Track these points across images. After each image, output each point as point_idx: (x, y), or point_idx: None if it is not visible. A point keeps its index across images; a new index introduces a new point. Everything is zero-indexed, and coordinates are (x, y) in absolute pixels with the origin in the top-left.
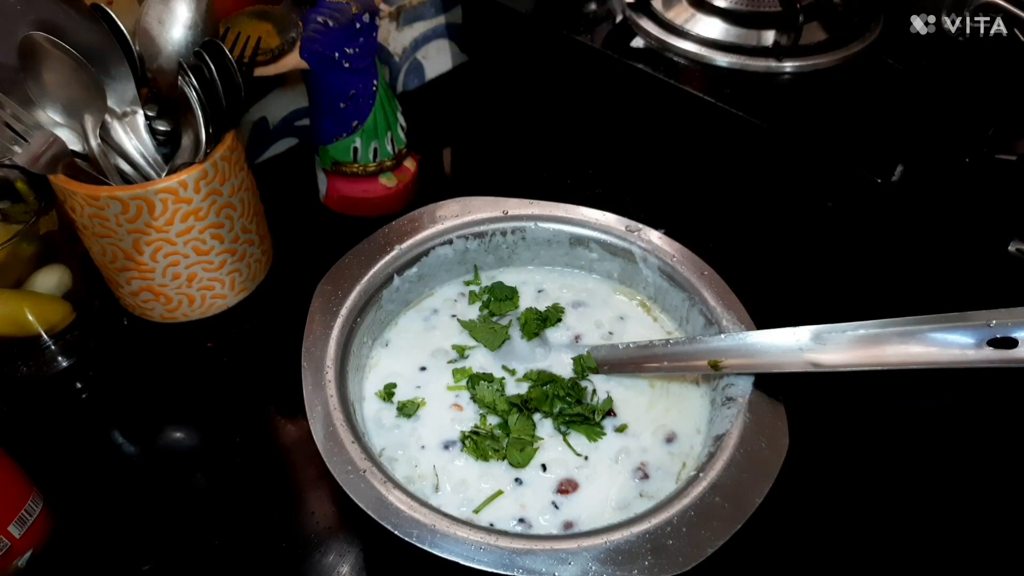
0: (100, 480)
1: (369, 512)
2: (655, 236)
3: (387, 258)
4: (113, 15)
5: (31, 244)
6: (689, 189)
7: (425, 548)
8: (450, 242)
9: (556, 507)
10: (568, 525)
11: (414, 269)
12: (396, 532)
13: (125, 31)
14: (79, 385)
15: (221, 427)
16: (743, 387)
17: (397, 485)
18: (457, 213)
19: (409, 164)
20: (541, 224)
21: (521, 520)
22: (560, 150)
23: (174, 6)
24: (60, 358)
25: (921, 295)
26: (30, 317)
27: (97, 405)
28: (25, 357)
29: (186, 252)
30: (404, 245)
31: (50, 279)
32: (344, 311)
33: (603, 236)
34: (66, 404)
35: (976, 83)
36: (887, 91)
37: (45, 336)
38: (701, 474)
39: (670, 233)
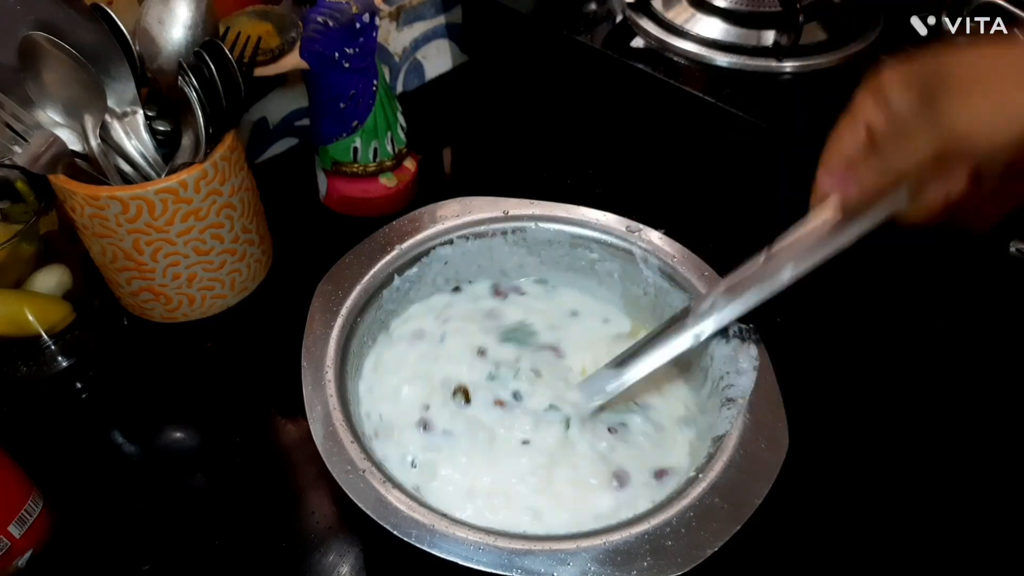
0: (100, 480)
1: (368, 512)
2: (655, 236)
3: (388, 258)
4: (113, 15)
5: (31, 244)
6: (689, 189)
7: (424, 548)
8: (451, 242)
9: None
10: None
11: (414, 269)
12: (395, 532)
13: (125, 31)
14: (79, 385)
15: (221, 427)
16: (743, 387)
17: (396, 485)
18: (458, 213)
19: (409, 164)
20: (541, 224)
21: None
22: (560, 150)
23: (174, 6)
24: (60, 358)
25: (921, 295)
26: (30, 317)
27: (97, 405)
28: (25, 357)
29: (186, 252)
30: (404, 245)
31: (50, 279)
32: (344, 311)
33: (603, 236)
34: (66, 404)
35: None
36: None
37: (45, 336)
38: (700, 475)
39: (670, 233)
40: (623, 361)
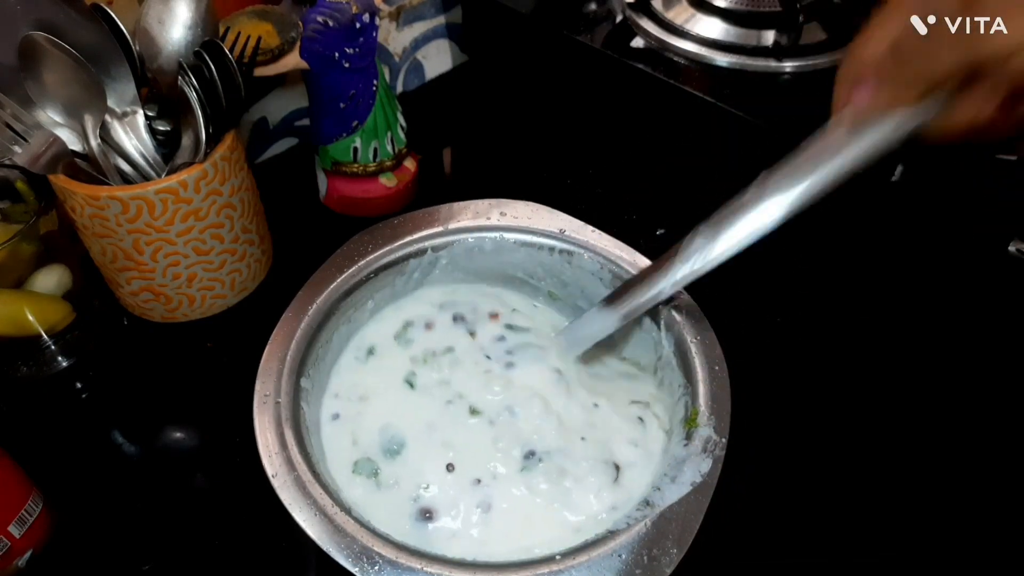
0: (100, 480)
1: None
2: (682, 309)
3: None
4: (113, 15)
5: (31, 244)
6: (689, 189)
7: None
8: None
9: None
10: None
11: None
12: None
13: (125, 31)
14: (79, 385)
15: (221, 427)
16: (668, 498)
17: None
18: (528, 215)
19: (409, 164)
20: (588, 255)
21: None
22: (560, 150)
23: (174, 6)
24: (60, 358)
25: (921, 295)
26: (30, 317)
27: (97, 405)
28: (25, 357)
29: (186, 252)
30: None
31: (50, 279)
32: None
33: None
34: (66, 404)
35: None
36: None
37: (45, 336)
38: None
39: (670, 233)
40: (611, 300)
